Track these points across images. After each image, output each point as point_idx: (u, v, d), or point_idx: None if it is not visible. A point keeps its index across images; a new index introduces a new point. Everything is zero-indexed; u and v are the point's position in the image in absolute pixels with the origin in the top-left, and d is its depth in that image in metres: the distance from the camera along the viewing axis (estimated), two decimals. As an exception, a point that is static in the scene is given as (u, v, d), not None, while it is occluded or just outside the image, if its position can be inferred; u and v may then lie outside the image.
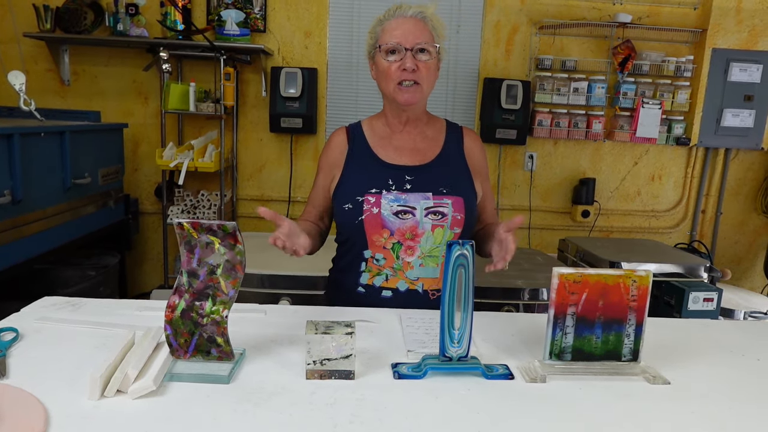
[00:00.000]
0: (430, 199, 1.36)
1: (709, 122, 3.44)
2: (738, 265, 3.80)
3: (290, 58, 3.40)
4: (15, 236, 2.21)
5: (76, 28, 3.12)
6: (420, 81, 1.34)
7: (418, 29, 1.34)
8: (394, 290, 1.38)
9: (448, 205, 1.36)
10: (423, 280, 1.37)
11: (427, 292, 1.38)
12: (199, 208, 3.29)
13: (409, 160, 1.42)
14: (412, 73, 1.33)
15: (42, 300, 1.27)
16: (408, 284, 1.37)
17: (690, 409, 0.91)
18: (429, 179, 1.39)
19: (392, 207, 1.35)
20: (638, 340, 1.01)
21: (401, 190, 1.37)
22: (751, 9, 3.35)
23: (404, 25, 1.34)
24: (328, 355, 0.94)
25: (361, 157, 1.43)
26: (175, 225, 0.96)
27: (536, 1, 3.38)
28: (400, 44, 1.32)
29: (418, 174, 1.39)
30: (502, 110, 3.32)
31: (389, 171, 1.40)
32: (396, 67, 1.33)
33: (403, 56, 1.32)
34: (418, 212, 1.35)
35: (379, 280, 1.38)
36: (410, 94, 1.35)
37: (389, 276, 1.37)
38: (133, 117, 3.40)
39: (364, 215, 1.35)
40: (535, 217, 3.64)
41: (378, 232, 1.35)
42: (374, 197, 1.36)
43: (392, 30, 1.34)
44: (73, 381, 0.89)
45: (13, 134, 2.14)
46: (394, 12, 1.36)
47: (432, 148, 1.45)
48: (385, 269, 1.37)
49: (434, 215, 1.35)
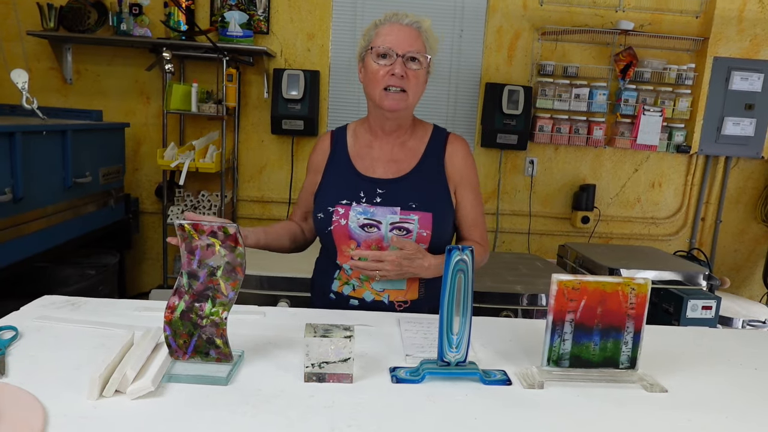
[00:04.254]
0: (396, 214, 1.36)
1: (709, 130, 3.45)
2: (737, 274, 3.80)
3: (293, 60, 3.41)
4: (15, 234, 2.21)
5: (79, 27, 3.13)
6: (407, 89, 1.34)
7: (412, 37, 1.34)
8: (361, 300, 1.39)
9: (414, 221, 1.35)
10: (389, 292, 1.38)
11: (393, 303, 1.39)
12: (200, 209, 3.29)
13: (384, 172, 1.42)
14: (400, 79, 1.32)
15: (41, 299, 1.28)
16: (374, 295, 1.38)
17: (687, 417, 0.91)
18: (400, 193, 1.38)
19: (359, 219, 1.36)
20: (636, 347, 1.01)
21: (371, 203, 1.38)
22: (753, 18, 3.36)
23: (399, 31, 1.34)
24: (326, 358, 0.94)
25: (339, 166, 1.45)
26: (176, 226, 0.97)
27: (539, 8, 3.39)
28: (392, 49, 1.32)
29: (390, 187, 1.39)
30: (503, 115, 3.33)
31: (362, 183, 1.40)
32: (385, 72, 1.33)
33: (393, 62, 1.32)
34: (383, 226, 1.35)
35: (348, 289, 1.40)
36: (395, 101, 1.34)
37: (356, 286, 1.39)
38: (134, 117, 3.41)
39: (333, 226, 1.37)
40: (535, 222, 3.64)
41: (346, 242, 1.37)
42: (344, 208, 1.37)
43: (386, 34, 1.34)
44: (72, 380, 0.89)
45: (14, 132, 2.14)
46: (391, 17, 1.36)
47: (409, 159, 1.44)
48: (353, 279, 1.39)
49: (399, 230, 1.35)
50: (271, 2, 3.34)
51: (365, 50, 1.38)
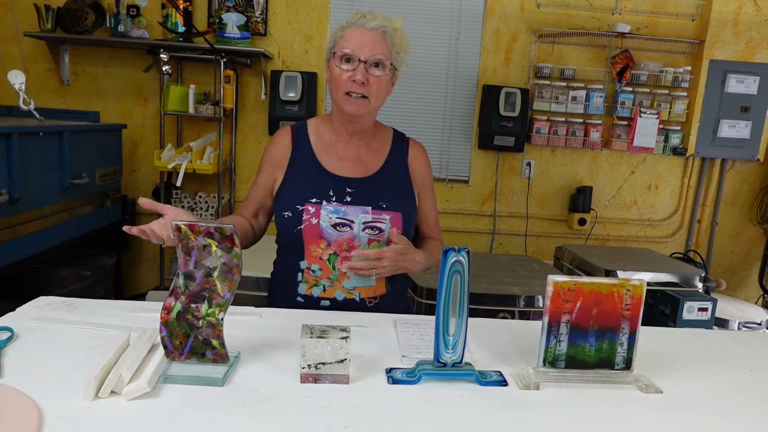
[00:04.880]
0: (368, 214, 1.36)
1: (705, 133, 3.46)
2: (733, 276, 3.82)
3: (290, 62, 3.41)
4: (11, 235, 2.20)
5: (76, 28, 3.13)
6: (368, 95, 1.33)
7: (376, 42, 1.32)
8: (332, 300, 1.38)
9: (386, 220, 1.36)
10: (360, 289, 1.38)
11: (364, 300, 1.39)
12: (197, 210, 3.29)
13: (352, 171, 1.42)
14: (361, 86, 1.31)
15: (37, 300, 1.27)
16: (345, 294, 1.38)
17: (682, 418, 0.91)
18: (370, 192, 1.38)
19: (331, 219, 1.35)
20: (631, 348, 1.01)
21: (341, 202, 1.37)
22: (749, 21, 3.38)
23: (363, 36, 1.32)
24: (323, 359, 0.94)
25: (304, 163, 1.42)
26: (172, 227, 0.96)
27: (536, 10, 3.41)
28: (355, 54, 1.31)
29: (359, 186, 1.39)
30: (500, 117, 3.34)
31: (331, 181, 1.39)
32: (347, 77, 1.32)
33: (356, 67, 1.31)
34: (355, 226, 1.35)
35: (317, 291, 1.38)
36: (356, 107, 1.34)
37: (326, 287, 1.38)
38: (132, 118, 3.41)
39: (303, 225, 1.35)
40: (532, 224, 3.65)
41: (315, 242, 1.36)
42: (314, 207, 1.36)
43: (350, 38, 1.33)
44: (67, 381, 0.89)
45: (11, 133, 2.14)
46: (357, 20, 1.35)
47: (375, 160, 1.45)
48: (323, 280, 1.37)
49: (371, 230, 1.36)
50: (269, 4, 3.35)
51: (330, 53, 1.37)
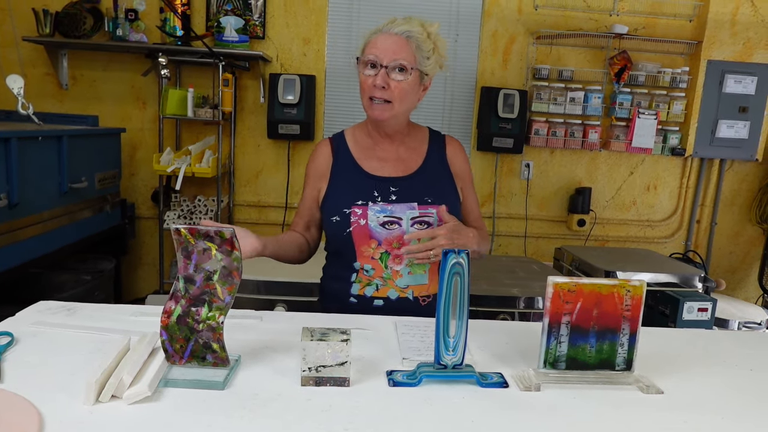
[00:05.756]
0: (415, 209, 1.38)
1: (704, 133, 3.47)
2: (732, 276, 3.82)
3: (288, 65, 3.42)
4: (10, 240, 2.20)
5: (75, 32, 3.13)
6: (391, 99, 1.34)
7: (399, 47, 1.33)
8: (386, 299, 1.39)
9: (433, 214, 1.38)
10: (412, 288, 1.40)
11: (418, 299, 1.40)
12: (196, 214, 3.28)
13: (393, 170, 1.43)
14: (382, 90, 1.33)
15: (37, 304, 1.27)
16: (398, 292, 1.39)
17: (683, 419, 0.91)
18: (413, 189, 1.40)
19: (379, 218, 1.37)
20: (632, 349, 1.02)
21: (387, 201, 1.39)
22: (746, 22, 3.39)
23: (386, 41, 1.33)
24: (323, 361, 0.94)
25: (346, 169, 1.45)
26: (172, 231, 0.96)
27: (534, 12, 3.41)
28: (377, 59, 1.33)
29: (402, 184, 1.41)
30: (499, 119, 3.34)
31: (374, 182, 1.41)
32: (370, 82, 1.34)
33: (378, 72, 1.33)
34: (404, 222, 1.37)
35: (370, 290, 1.40)
36: (379, 111, 1.35)
37: (380, 286, 1.39)
38: (130, 122, 3.41)
39: (352, 227, 1.37)
40: (531, 225, 3.65)
41: (366, 242, 1.37)
42: (361, 209, 1.37)
43: (374, 44, 1.34)
44: (68, 386, 0.89)
45: (10, 138, 2.14)
46: (383, 27, 1.36)
47: (415, 157, 1.46)
48: (375, 279, 1.39)
49: (420, 225, 1.37)
50: (267, 7, 3.35)
51: (357, 59, 1.40)
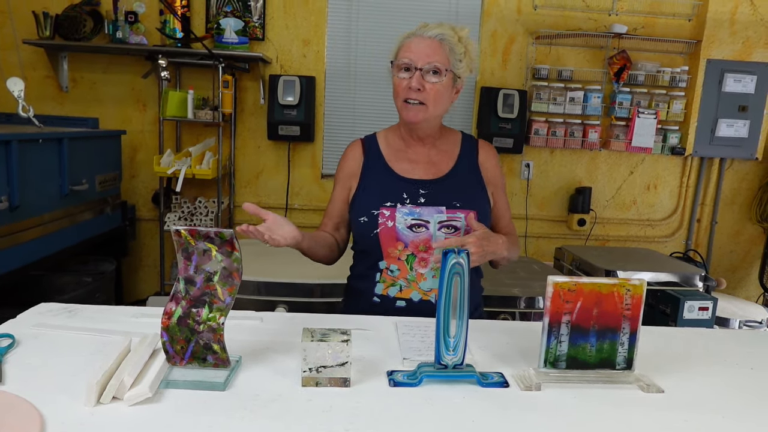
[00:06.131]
0: (443, 213, 1.38)
1: (704, 132, 3.47)
2: (733, 275, 3.82)
3: (288, 66, 3.42)
4: (11, 242, 2.21)
5: (75, 35, 3.13)
6: (426, 101, 1.36)
7: (433, 50, 1.34)
8: (408, 300, 1.40)
9: (461, 219, 1.38)
10: (436, 291, 1.39)
11: None
12: (196, 215, 3.29)
13: (423, 173, 1.44)
14: (417, 92, 1.34)
15: (38, 306, 1.27)
16: (421, 295, 1.39)
17: (683, 418, 0.91)
18: (443, 193, 1.41)
19: (406, 220, 1.37)
20: (632, 348, 1.02)
21: (415, 203, 1.39)
22: (745, 21, 3.39)
23: (420, 44, 1.35)
24: (324, 362, 0.94)
25: (376, 170, 1.46)
26: (172, 232, 0.97)
27: (533, 12, 3.41)
28: (411, 62, 1.34)
29: (431, 188, 1.41)
30: (498, 119, 3.34)
31: (403, 184, 1.42)
32: (405, 85, 1.35)
33: (413, 74, 1.34)
34: (431, 226, 1.37)
35: (394, 291, 1.40)
36: (414, 113, 1.37)
37: (403, 287, 1.40)
38: (131, 124, 3.41)
39: (380, 228, 1.38)
40: (532, 225, 3.65)
41: (393, 244, 1.38)
42: (389, 210, 1.38)
43: (408, 48, 1.36)
44: (69, 387, 0.89)
45: (11, 140, 2.14)
46: (417, 30, 1.38)
47: (446, 161, 1.47)
48: (400, 280, 1.40)
49: (447, 229, 1.38)
50: (267, 9, 3.35)
51: (392, 63, 1.41)
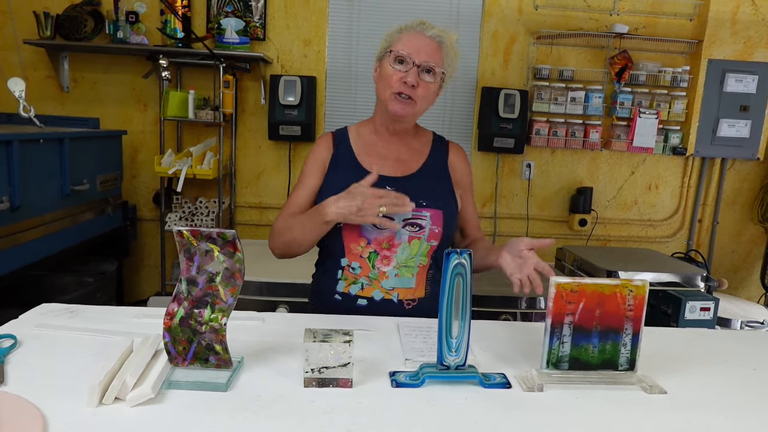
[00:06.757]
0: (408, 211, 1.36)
1: (705, 132, 3.46)
2: (735, 275, 3.81)
3: (289, 66, 3.42)
4: (12, 243, 2.21)
5: (76, 35, 3.13)
6: (416, 98, 1.35)
7: (432, 49, 1.35)
8: (370, 299, 1.38)
9: (426, 217, 1.37)
10: (398, 290, 1.38)
11: (402, 302, 1.39)
12: (197, 215, 3.29)
13: (392, 170, 1.43)
14: (411, 88, 1.34)
15: (40, 307, 1.27)
16: (383, 293, 1.38)
17: (686, 419, 0.91)
18: (409, 191, 1.38)
19: None
20: (635, 349, 1.01)
21: None
22: (747, 21, 3.39)
23: (421, 41, 1.35)
24: (326, 363, 0.94)
25: (345, 165, 1.44)
26: (174, 233, 0.97)
27: (534, 12, 3.41)
28: (411, 56, 1.34)
29: (399, 185, 1.40)
30: (499, 119, 3.34)
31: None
32: (398, 77, 1.35)
33: (409, 69, 1.34)
34: (396, 223, 1.36)
35: (355, 289, 1.38)
36: (402, 107, 1.36)
37: (365, 285, 1.38)
38: (132, 124, 3.41)
39: (343, 223, 1.35)
40: (533, 225, 3.65)
41: (355, 240, 1.37)
42: None
43: (408, 41, 1.35)
44: (71, 388, 0.89)
45: (12, 141, 2.14)
46: (416, 26, 1.38)
47: (416, 159, 1.47)
48: (361, 278, 1.38)
49: (412, 227, 1.37)
50: (267, 9, 3.35)
51: (385, 52, 1.40)
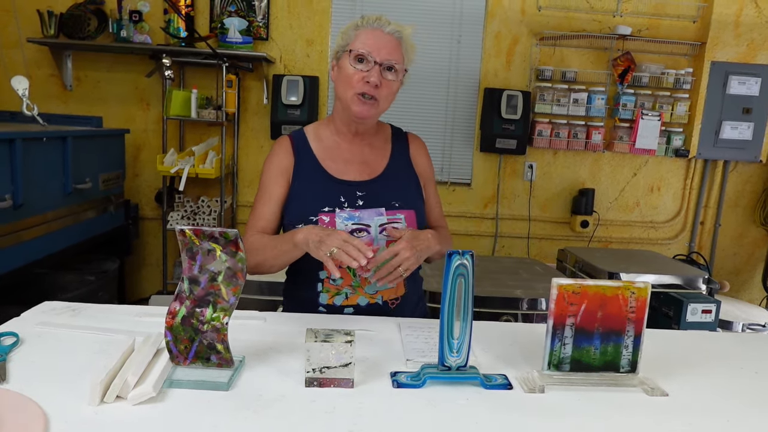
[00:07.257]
0: (383, 215, 1.34)
1: (707, 134, 3.46)
2: (736, 277, 3.81)
3: (292, 66, 3.42)
4: (15, 241, 2.21)
5: (79, 34, 3.14)
6: (379, 98, 1.32)
7: (392, 46, 1.32)
8: (356, 306, 1.36)
9: (401, 219, 1.35)
10: (382, 293, 1.36)
11: (387, 303, 1.37)
12: (199, 215, 3.29)
13: (358, 174, 1.40)
14: (374, 88, 1.30)
15: (42, 305, 1.27)
16: (368, 299, 1.36)
17: (687, 421, 0.91)
18: (380, 194, 1.37)
19: (347, 225, 1.32)
20: (636, 351, 1.01)
21: (354, 206, 1.35)
22: (750, 23, 3.38)
23: (380, 38, 1.31)
24: (327, 363, 0.94)
25: (309, 172, 1.39)
26: (177, 232, 0.97)
27: (537, 13, 3.41)
28: (371, 55, 1.30)
29: (369, 189, 1.38)
30: (502, 120, 3.34)
31: (340, 187, 1.37)
32: (360, 77, 1.30)
33: (370, 68, 1.30)
34: (372, 229, 1.33)
35: (340, 299, 1.36)
36: (366, 109, 1.32)
37: (349, 294, 1.35)
38: (134, 123, 3.42)
39: None
40: (535, 226, 3.64)
41: None
42: (328, 216, 1.32)
43: (367, 38, 1.31)
44: (73, 386, 0.89)
45: (15, 139, 2.14)
46: (373, 22, 1.34)
47: (379, 159, 1.43)
48: (344, 288, 1.35)
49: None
50: (271, 9, 3.36)
51: (342, 50, 1.35)
